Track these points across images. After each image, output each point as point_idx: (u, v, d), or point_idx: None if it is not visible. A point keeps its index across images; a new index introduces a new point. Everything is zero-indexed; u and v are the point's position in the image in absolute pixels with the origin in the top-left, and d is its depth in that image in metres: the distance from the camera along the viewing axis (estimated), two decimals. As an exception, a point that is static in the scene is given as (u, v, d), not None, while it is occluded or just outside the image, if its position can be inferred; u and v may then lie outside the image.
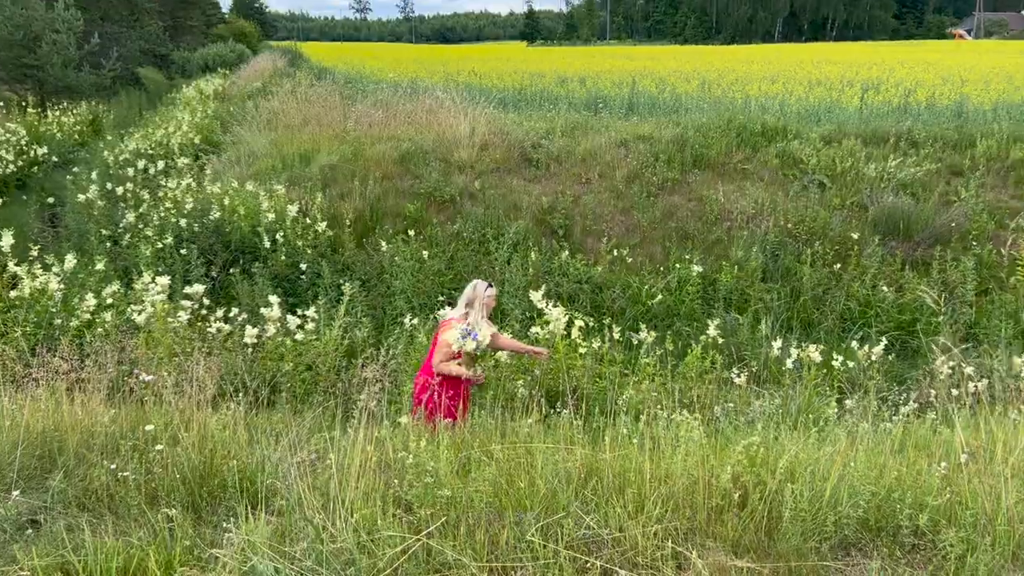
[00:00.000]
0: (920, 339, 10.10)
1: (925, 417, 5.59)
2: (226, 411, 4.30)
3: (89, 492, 3.76)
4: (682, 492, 3.44)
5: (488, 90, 20.14)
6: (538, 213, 12.70)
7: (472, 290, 6.46)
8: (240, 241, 11.77)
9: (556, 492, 3.50)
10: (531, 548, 3.18)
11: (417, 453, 3.73)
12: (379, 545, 3.11)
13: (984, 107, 16.37)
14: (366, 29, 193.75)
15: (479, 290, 6.45)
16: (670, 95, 19.11)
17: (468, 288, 6.48)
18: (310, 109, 18.93)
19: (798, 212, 12.23)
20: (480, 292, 6.43)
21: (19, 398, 4.43)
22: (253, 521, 3.34)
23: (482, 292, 6.42)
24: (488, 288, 6.39)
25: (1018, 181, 12.88)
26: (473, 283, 6.56)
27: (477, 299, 6.42)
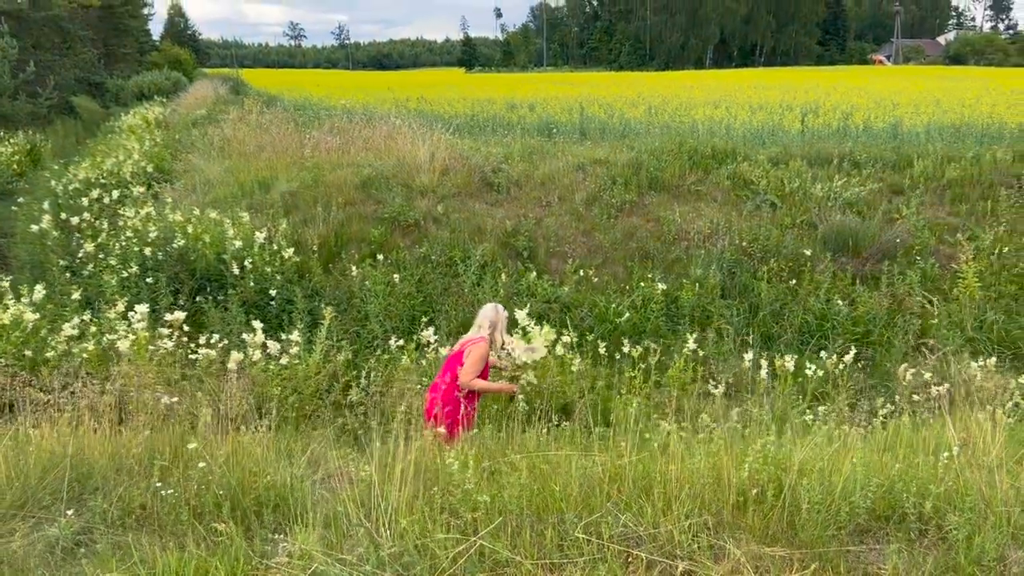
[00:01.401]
0: (874, 349, 10.64)
1: (900, 418, 5.96)
2: (256, 430, 4.39)
3: (129, 511, 3.83)
4: (706, 490, 3.68)
5: (440, 116, 20.41)
6: (502, 236, 12.94)
7: (495, 312, 6.87)
8: (205, 269, 11.73)
9: (588, 495, 3.71)
10: (576, 545, 3.38)
11: (454, 462, 3.90)
12: (434, 548, 3.27)
13: (917, 129, 17.28)
14: (301, 56, 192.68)
15: (500, 312, 6.90)
16: (619, 120, 19.65)
17: (489, 310, 6.86)
18: (263, 136, 18.92)
19: (752, 231, 12.74)
20: (502, 314, 6.84)
21: (43, 426, 4.45)
22: (304, 531, 3.47)
23: (504, 313, 6.78)
24: (504, 311, 6.79)
25: (953, 199, 13.63)
26: (492, 306, 6.97)
27: (500, 320, 6.82)
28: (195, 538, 3.59)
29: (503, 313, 6.91)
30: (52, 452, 4.26)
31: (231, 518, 3.78)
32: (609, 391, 7.23)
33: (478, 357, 6.69)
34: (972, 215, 13.22)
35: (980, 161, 14.24)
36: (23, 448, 4.13)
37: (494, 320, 6.80)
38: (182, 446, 4.28)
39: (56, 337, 8.28)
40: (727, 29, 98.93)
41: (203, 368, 7.49)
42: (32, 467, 4.07)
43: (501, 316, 6.86)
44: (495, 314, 6.85)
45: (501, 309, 6.93)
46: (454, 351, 6.87)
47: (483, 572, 3.19)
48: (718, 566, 3.20)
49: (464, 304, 11.26)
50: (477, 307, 11.24)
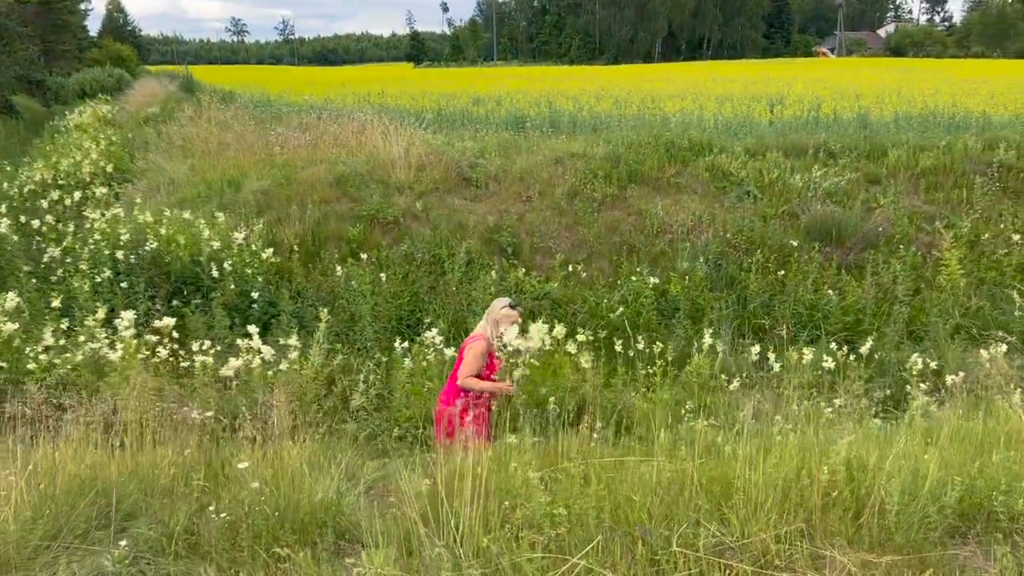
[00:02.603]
0: (863, 339, 10.66)
1: (939, 409, 5.91)
2: (302, 445, 4.13)
3: (173, 537, 3.54)
4: (791, 495, 3.53)
5: (406, 111, 20.06)
6: (485, 232, 12.72)
7: (493, 306, 6.48)
8: (180, 271, 11.30)
9: (671, 504, 3.54)
10: (670, 558, 3.20)
11: (518, 473, 3.69)
12: (527, 568, 3.06)
13: (886, 118, 17.49)
14: (244, 52, 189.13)
15: (494, 305, 6.50)
16: (588, 113, 19.53)
17: (492, 304, 6.51)
18: (226, 134, 18.39)
19: (735, 223, 12.72)
20: (495, 307, 6.43)
21: (61, 445, 4.12)
22: (376, 552, 3.23)
23: (496, 308, 6.41)
24: (505, 306, 6.33)
25: (928, 188, 13.79)
26: (496, 300, 6.60)
27: (496, 313, 6.42)
28: (255, 565, 3.33)
29: (498, 307, 6.46)
30: (74, 475, 3.94)
31: (288, 541, 3.52)
32: (624, 388, 7.07)
33: (474, 355, 6.42)
34: (948, 203, 13.38)
35: (952, 150, 14.44)
36: (47, 472, 3.81)
37: (494, 316, 6.42)
38: (219, 464, 4.00)
39: (35, 348, 7.84)
40: (675, 23, 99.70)
41: (199, 377, 7.14)
42: (59, 492, 3.75)
43: (495, 308, 6.45)
44: (493, 307, 6.49)
45: (498, 303, 6.50)
46: (460, 350, 6.61)
47: None
48: (823, 575, 3.05)
49: (453, 303, 11.02)
50: (466, 305, 11.11)
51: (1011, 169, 13.95)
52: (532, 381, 7.13)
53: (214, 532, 3.47)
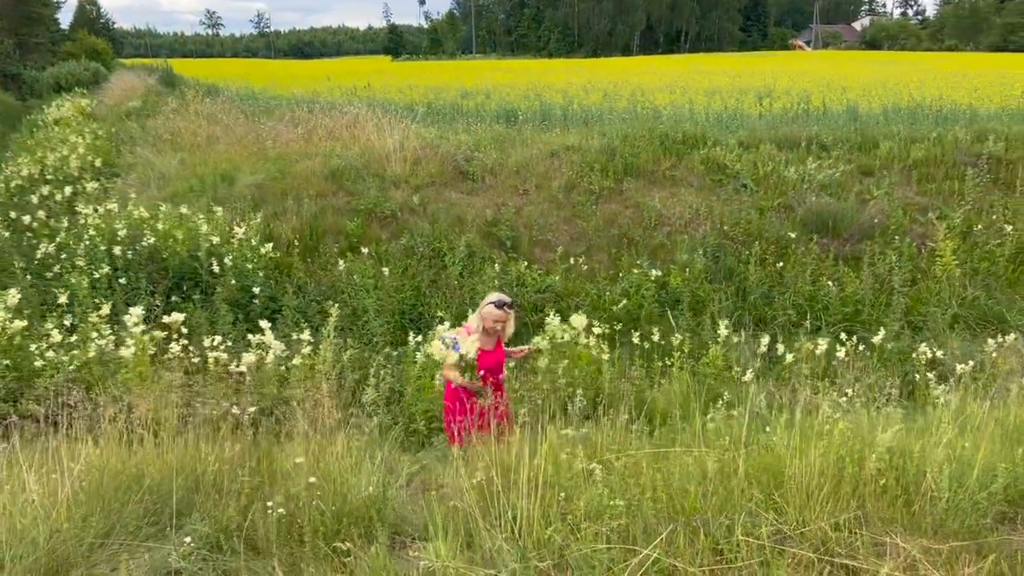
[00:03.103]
0: (862, 329, 10.77)
1: (948, 398, 5.98)
2: (355, 440, 4.11)
3: (227, 533, 3.52)
4: (844, 484, 3.57)
5: (395, 104, 19.96)
6: (483, 226, 12.71)
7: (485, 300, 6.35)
8: (178, 267, 11.19)
9: (726, 494, 3.56)
10: (733, 548, 3.23)
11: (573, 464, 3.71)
12: (597, 560, 3.07)
13: (874, 111, 17.66)
14: (219, 45, 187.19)
15: (486, 299, 6.32)
16: (579, 107, 19.55)
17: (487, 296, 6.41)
18: (214, 127, 18.23)
19: (732, 215, 12.79)
20: (484, 302, 6.29)
21: (102, 443, 4.07)
22: (438, 546, 3.23)
23: (484, 303, 6.28)
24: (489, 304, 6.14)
25: (920, 179, 13.95)
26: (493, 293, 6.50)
27: (480, 307, 6.30)
28: (317, 560, 3.32)
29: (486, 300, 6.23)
30: (118, 472, 3.90)
31: (349, 536, 3.51)
32: (642, 379, 7.10)
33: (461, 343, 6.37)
34: (939, 194, 13.54)
35: (942, 142, 14.61)
36: (95, 470, 3.77)
37: (481, 311, 6.20)
38: (265, 459, 3.97)
39: (41, 345, 7.74)
40: (653, 15, 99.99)
41: (213, 372, 7.08)
42: (106, 490, 3.71)
43: (483, 303, 6.22)
44: (484, 302, 6.25)
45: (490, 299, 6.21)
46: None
47: None
48: (889, 563, 3.09)
49: (456, 296, 11.01)
50: (468, 299, 11.09)
51: (1000, 161, 14.14)
52: (551, 372, 7.18)
53: (272, 528, 3.45)
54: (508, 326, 6.42)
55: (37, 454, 4.19)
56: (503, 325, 6.27)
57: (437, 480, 4.51)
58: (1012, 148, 14.40)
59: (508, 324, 6.41)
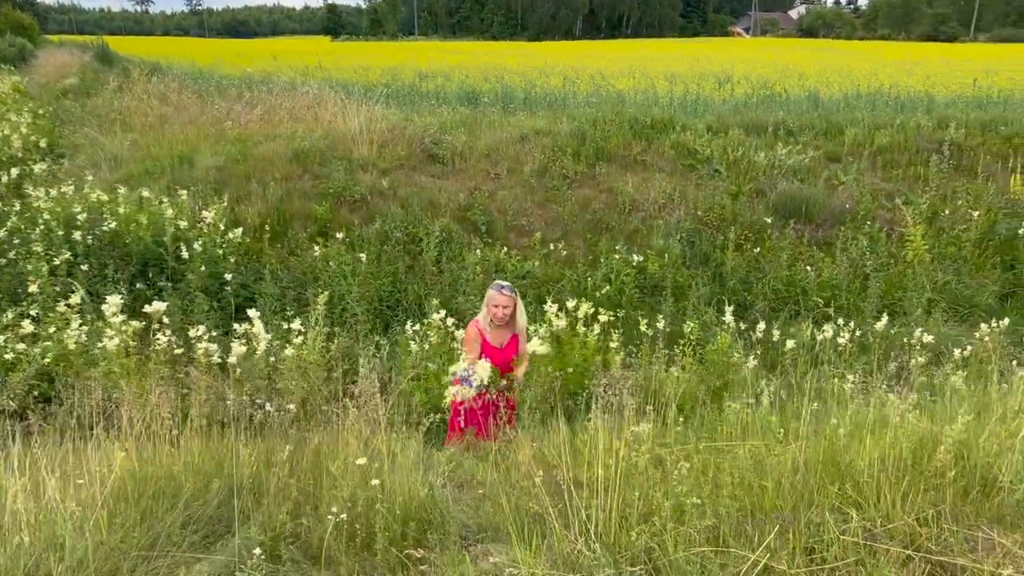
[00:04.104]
0: (840, 314, 10.87)
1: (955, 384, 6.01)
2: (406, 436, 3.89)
3: (281, 540, 3.27)
4: (923, 478, 3.50)
5: (353, 85, 19.48)
6: (457, 210, 12.46)
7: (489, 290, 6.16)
8: (143, 253, 10.69)
9: (802, 489, 3.46)
10: (824, 546, 3.12)
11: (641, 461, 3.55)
12: (705, 564, 2.93)
13: (835, 97, 17.90)
14: (149, 22, 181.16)
15: (488, 292, 6.15)
16: (542, 90, 19.36)
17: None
18: (164, 107, 17.53)
19: (706, 200, 12.79)
20: (489, 293, 6.12)
21: (128, 445, 3.76)
22: (518, 552, 3.05)
23: (488, 292, 6.11)
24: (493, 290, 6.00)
25: (885, 165, 14.17)
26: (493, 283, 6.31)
27: (487, 301, 6.14)
28: (389, 569, 3.10)
29: (489, 289, 6.15)
30: (149, 476, 3.62)
31: (415, 541, 3.30)
32: (646, 368, 6.99)
33: (464, 340, 6.22)
34: (904, 180, 13.77)
35: (905, 128, 14.86)
36: (125, 474, 3.47)
37: (486, 300, 6.14)
38: (310, 459, 3.72)
39: (8, 336, 7.27)
40: (595, 0, 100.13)
41: (202, 364, 6.72)
42: (140, 497, 3.43)
43: (488, 292, 6.14)
44: (488, 292, 6.15)
45: (493, 289, 6.12)
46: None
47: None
48: (989, 559, 3.02)
49: (437, 283, 10.76)
50: (448, 284, 10.86)
51: (960, 147, 14.44)
52: (557, 362, 7.03)
53: (333, 534, 3.22)
54: (518, 313, 6.23)
55: (42, 458, 3.88)
56: (509, 311, 6.09)
57: (476, 478, 4.31)
58: (971, 135, 14.73)
59: (517, 311, 6.22)
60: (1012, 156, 14.16)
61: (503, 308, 6.04)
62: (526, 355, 6.43)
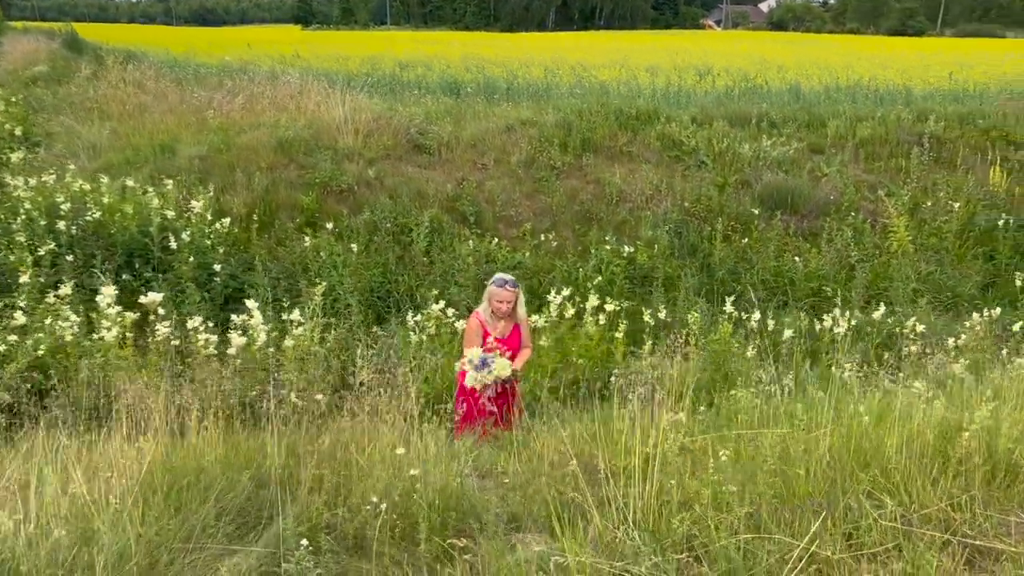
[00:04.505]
0: (828, 304, 11.00)
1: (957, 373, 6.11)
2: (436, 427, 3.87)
3: (317, 529, 3.25)
4: (951, 463, 3.55)
5: (333, 74, 19.30)
6: (445, 201, 12.41)
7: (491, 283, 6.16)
8: (128, 243, 10.53)
9: (833, 475, 3.49)
10: (861, 532, 3.16)
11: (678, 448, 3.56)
12: (755, 551, 2.95)
13: (815, 89, 18.06)
14: (114, 9, 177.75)
15: (490, 288, 6.11)
16: (523, 81, 19.32)
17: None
18: (143, 95, 17.26)
19: (693, 192, 12.87)
20: (490, 289, 6.09)
21: (151, 436, 3.71)
22: (566, 539, 3.06)
23: (489, 285, 6.08)
24: (495, 285, 5.97)
25: (867, 157, 14.34)
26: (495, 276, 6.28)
27: (489, 290, 6.11)
28: (433, 559, 3.09)
29: (490, 281, 6.14)
30: (176, 468, 3.56)
31: (445, 530, 3.29)
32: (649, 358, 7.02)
33: (465, 332, 6.22)
34: (886, 172, 13.95)
35: (886, 121, 15.04)
36: (160, 467, 3.42)
37: (487, 293, 6.13)
38: (343, 450, 3.69)
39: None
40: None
41: (202, 356, 6.64)
42: (170, 489, 3.38)
43: (490, 289, 6.09)
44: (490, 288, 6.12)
45: (496, 282, 6.11)
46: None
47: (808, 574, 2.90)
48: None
49: (426, 274, 10.72)
50: (440, 275, 10.83)
51: (940, 140, 14.66)
52: (562, 352, 7.04)
53: (359, 526, 3.20)
54: (519, 306, 6.23)
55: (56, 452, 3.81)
56: (511, 305, 6.10)
57: (498, 467, 4.30)
58: (950, 128, 14.96)
59: (518, 304, 6.22)
60: (990, 149, 14.41)
61: (506, 303, 6.04)
62: (528, 345, 6.44)
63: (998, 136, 14.78)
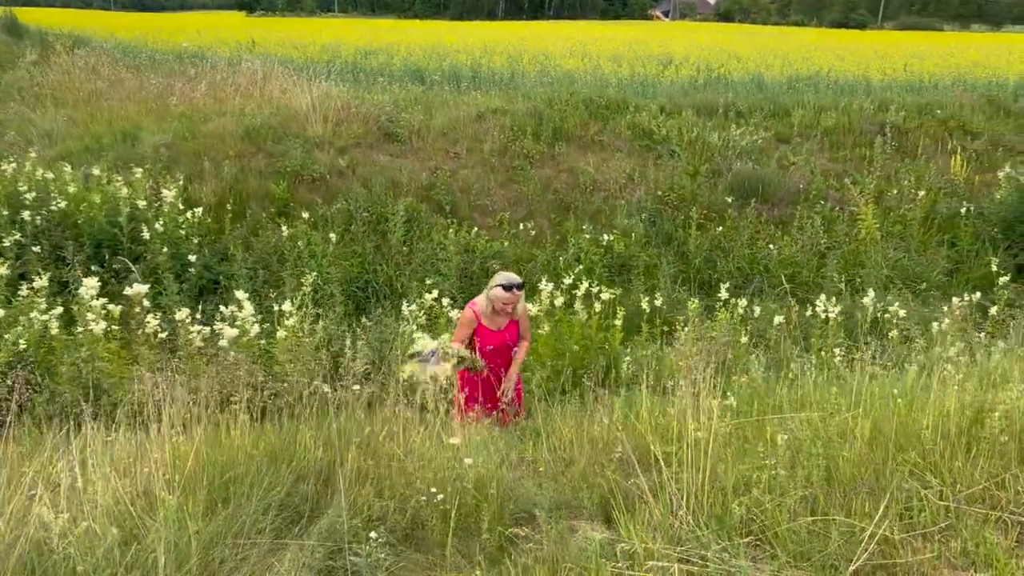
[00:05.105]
0: (802, 291, 11.17)
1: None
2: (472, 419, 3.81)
3: (371, 523, 3.18)
4: (978, 440, 3.63)
5: (295, 61, 18.95)
6: (419, 190, 12.29)
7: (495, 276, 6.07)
8: (96, 234, 10.22)
9: (875, 457, 3.54)
10: (911, 512, 3.21)
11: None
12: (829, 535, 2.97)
13: (777, 80, 18.31)
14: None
15: (495, 278, 6.00)
16: (488, 69, 19.20)
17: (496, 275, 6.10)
18: (97, 81, 16.73)
19: (666, 180, 12.95)
20: (492, 282, 5.97)
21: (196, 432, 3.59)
22: (629, 525, 3.05)
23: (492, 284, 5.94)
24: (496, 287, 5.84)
25: (832, 146, 14.60)
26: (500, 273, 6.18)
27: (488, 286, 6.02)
28: (495, 549, 3.05)
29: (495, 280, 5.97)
30: (214, 462, 3.46)
31: (502, 519, 3.25)
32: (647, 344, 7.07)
33: (459, 321, 6.11)
34: (851, 161, 14.21)
35: (849, 111, 15.32)
36: (201, 462, 3.31)
37: (489, 291, 5.94)
38: (385, 444, 3.61)
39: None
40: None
41: (191, 349, 6.47)
42: (211, 484, 3.28)
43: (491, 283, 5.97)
44: (492, 281, 6.00)
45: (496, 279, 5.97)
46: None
47: (877, 558, 2.93)
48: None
49: (405, 264, 10.60)
50: (419, 264, 10.72)
51: (900, 130, 14.99)
52: (556, 341, 7.02)
53: (407, 517, 3.15)
54: (519, 306, 6.11)
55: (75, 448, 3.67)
56: (512, 307, 6.01)
57: (525, 456, 4.28)
58: (910, 118, 15.30)
59: (519, 305, 6.10)
60: (948, 138, 14.79)
61: (508, 305, 5.93)
62: (527, 337, 6.37)
63: (956, 126, 15.18)
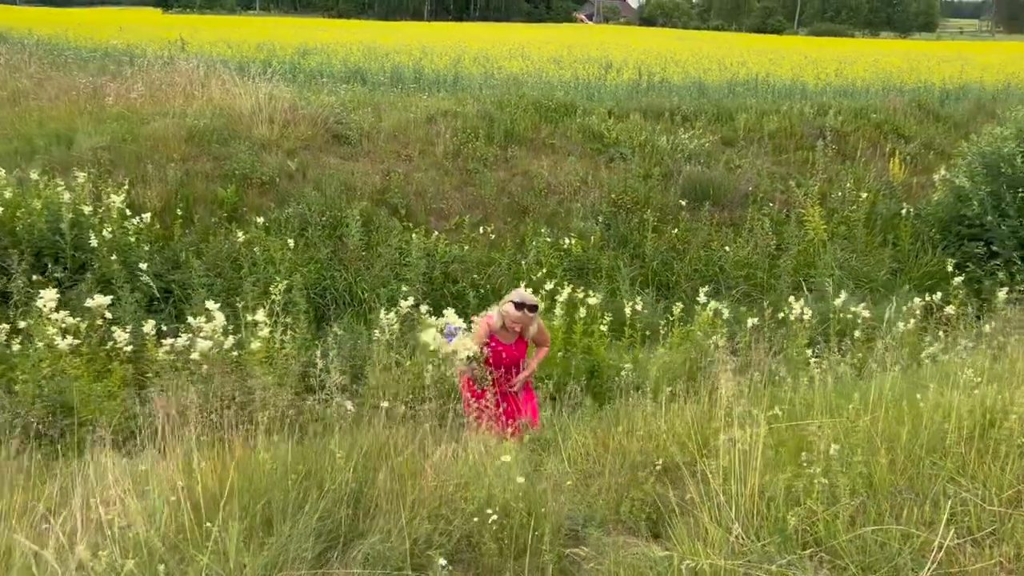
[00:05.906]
0: (757, 292, 11.37)
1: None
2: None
3: (420, 542, 3.06)
4: (995, 442, 3.70)
5: (230, 61, 18.40)
6: (373, 193, 12.06)
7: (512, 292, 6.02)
8: (36, 241, 9.70)
9: (907, 462, 3.58)
10: (957, 516, 3.25)
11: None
12: (889, 543, 2.97)
13: (716, 84, 18.64)
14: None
15: (511, 294, 5.95)
16: (431, 71, 19.02)
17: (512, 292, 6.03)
18: (20, 80, 15.93)
19: (619, 183, 13.02)
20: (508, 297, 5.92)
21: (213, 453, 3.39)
22: (694, 545, 3.00)
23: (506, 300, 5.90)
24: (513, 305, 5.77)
25: (775, 149, 14.93)
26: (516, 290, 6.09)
27: (502, 302, 5.97)
28: (556, 568, 2.96)
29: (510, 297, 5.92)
30: (240, 488, 3.27)
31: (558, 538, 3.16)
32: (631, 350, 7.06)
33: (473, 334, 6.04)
34: (793, 164, 14.56)
35: (790, 115, 15.70)
36: (223, 486, 3.12)
37: (503, 307, 5.89)
38: (387, 459, 3.48)
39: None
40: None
41: (168, 363, 6.16)
42: (255, 507, 3.10)
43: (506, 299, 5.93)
44: (509, 297, 5.94)
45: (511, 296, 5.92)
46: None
47: (945, 567, 2.94)
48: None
49: (365, 269, 10.38)
50: (378, 270, 10.51)
51: (839, 133, 15.44)
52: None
53: (479, 536, 3.04)
54: (531, 327, 6.01)
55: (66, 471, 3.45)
56: (523, 328, 5.93)
57: (543, 469, 4.19)
58: (847, 122, 15.77)
59: (532, 325, 6.00)
60: (884, 142, 15.30)
61: (519, 324, 5.84)
62: (545, 344, 6.27)
63: (890, 130, 15.72)
